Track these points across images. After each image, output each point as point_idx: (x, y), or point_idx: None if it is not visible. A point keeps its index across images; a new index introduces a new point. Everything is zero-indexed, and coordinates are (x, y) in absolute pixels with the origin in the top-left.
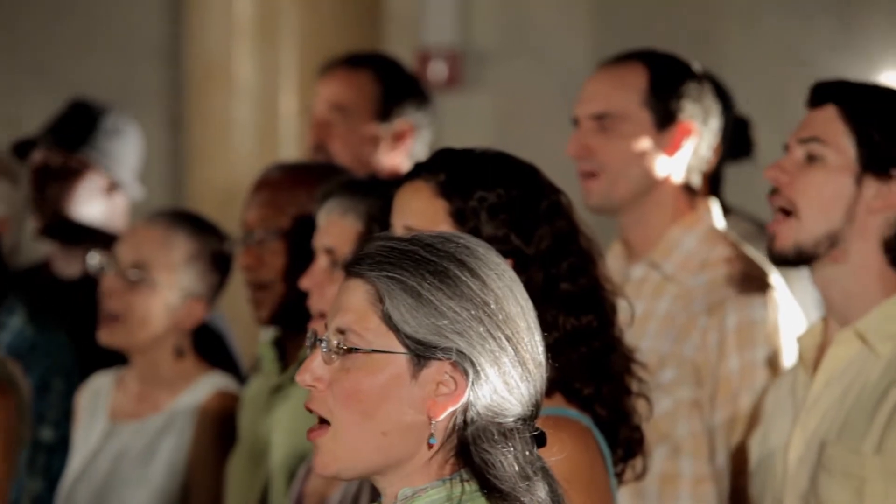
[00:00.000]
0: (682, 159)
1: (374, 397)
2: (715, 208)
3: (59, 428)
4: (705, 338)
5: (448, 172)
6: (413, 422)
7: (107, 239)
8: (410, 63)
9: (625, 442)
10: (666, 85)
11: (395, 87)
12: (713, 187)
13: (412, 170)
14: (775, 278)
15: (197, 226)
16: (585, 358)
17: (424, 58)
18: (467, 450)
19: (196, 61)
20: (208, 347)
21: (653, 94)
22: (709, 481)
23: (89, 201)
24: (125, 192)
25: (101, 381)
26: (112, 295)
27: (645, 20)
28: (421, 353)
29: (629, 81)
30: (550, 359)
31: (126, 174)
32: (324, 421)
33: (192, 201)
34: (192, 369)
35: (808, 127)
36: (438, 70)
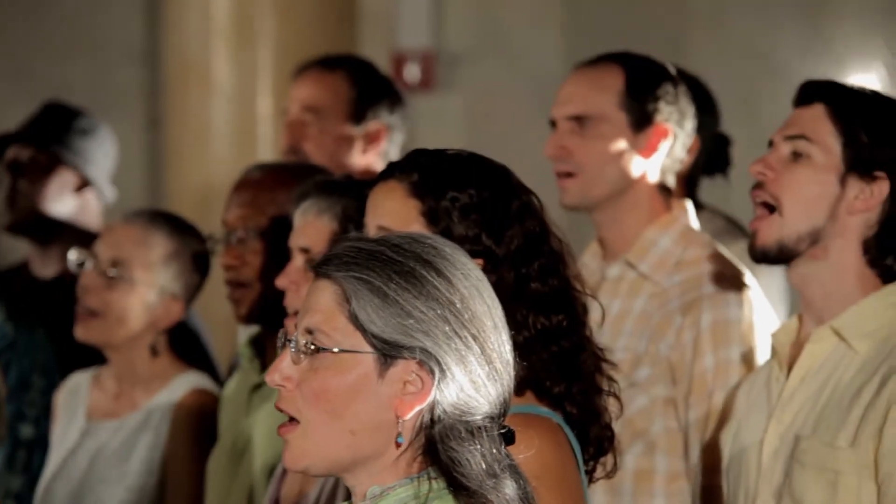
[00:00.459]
0: (657, 160)
1: (342, 396)
2: (690, 209)
3: (40, 425)
4: (680, 336)
5: (421, 173)
6: (381, 420)
7: (78, 236)
8: (385, 65)
9: (595, 440)
10: (642, 87)
11: (368, 89)
12: (689, 189)
13: (385, 170)
14: (749, 278)
15: (175, 225)
16: (556, 357)
17: (399, 60)
18: (435, 448)
19: (174, 63)
20: (184, 346)
21: (629, 96)
22: (683, 478)
23: (59, 198)
24: (96, 191)
25: (79, 380)
26: (90, 291)
27: (616, 24)
28: (388, 352)
29: (606, 83)
30: (521, 358)
31: (97, 173)
32: (294, 419)
33: (169, 201)
34: (168, 368)
35: (795, 124)
36: (412, 72)
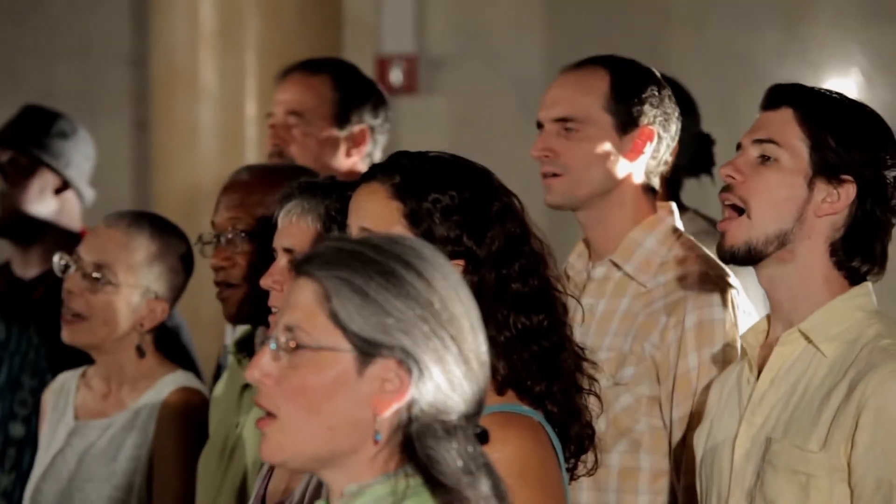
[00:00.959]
0: (642, 162)
1: (321, 393)
2: (675, 210)
3: (30, 424)
4: (665, 336)
5: (403, 175)
6: (359, 417)
7: (59, 236)
8: (370, 70)
9: (576, 438)
10: (628, 90)
11: (351, 92)
12: (672, 191)
13: (368, 172)
14: (733, 279)
15: (158, 226)
16: (537, 356)
17: (383, 64)
18: (412, 446)
19: (161, 67)
20: (167, 346)
21: (615, 98)
22: (667, 476)
23: (40, 200)
24: (76, 193)
25: (67, 380)
26: (75, 295)
27: (597, 29)
28: (366, 350)
29: (592, 86)
30: (502, 357)
31: (77, 175)
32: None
33: (157, 203)
34: (155, 368)
35: (763, 128)
36: (396, 76)
